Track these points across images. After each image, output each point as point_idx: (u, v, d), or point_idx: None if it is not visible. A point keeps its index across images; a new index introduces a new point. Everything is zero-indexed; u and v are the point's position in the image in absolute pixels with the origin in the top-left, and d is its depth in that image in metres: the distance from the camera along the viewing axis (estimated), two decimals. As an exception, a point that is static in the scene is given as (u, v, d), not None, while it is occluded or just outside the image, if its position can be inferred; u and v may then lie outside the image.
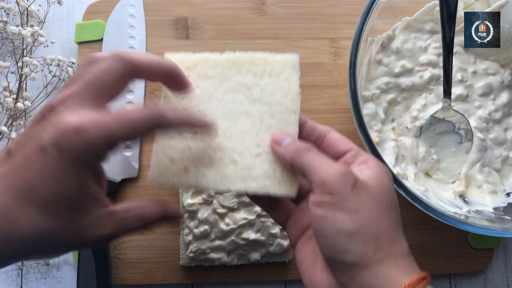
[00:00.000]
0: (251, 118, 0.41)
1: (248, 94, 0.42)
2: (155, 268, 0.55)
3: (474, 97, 0.54)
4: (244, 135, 0.41)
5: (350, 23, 0.58)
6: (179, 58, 0.42)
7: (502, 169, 0.55)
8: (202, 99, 0.41)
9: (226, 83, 0.42)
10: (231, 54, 0.42)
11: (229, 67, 0.42)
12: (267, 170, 0.40)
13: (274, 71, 0.42)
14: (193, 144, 0.40)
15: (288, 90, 0.42)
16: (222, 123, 0.41)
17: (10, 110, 0.56)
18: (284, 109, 0.41)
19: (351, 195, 0.33)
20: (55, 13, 0.60)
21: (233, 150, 0.40)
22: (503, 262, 0.58)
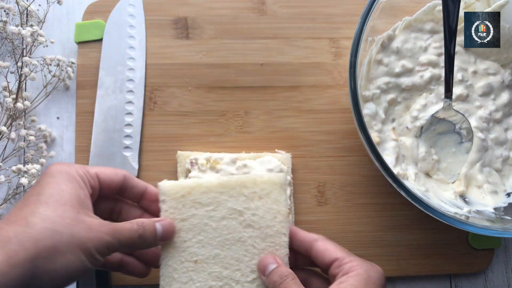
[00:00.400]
0: (244, 245, 0.45)
1: (240, 220, 0.45)
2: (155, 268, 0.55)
3: (475, 97, 0.54)
4: (239, 262, 0.45)
5: (350, 23, 0.58)
6: (172, 186, 0.45)
7: (503, 169, 0.54)
8: (199, 229, 0.45)
9: (219, 210, 0.45)
10: (223, 178, 0.46)
11: (221, 192, 0.45)
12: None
13: (263, 192, 0.46)
14: (195, 276, 0.45)
15: (277, 212, 0.46)
16: (219, 252, 0.45)
17: (10, 110, 0.56)
18: (275, 231, 0.45)
19: None
20: (55, 13, 0.60)
21: (230, 278, 0.45)
22: (504, 262, 0.58)
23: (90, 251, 0.38)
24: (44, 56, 0.57)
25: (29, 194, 0.39)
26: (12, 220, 0.37)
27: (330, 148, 0.57)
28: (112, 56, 0.57)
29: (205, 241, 0.45)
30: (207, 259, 0.45)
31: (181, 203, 0.45)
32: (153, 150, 0.56)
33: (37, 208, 0.37)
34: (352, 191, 0.56)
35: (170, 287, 0.45)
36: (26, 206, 0.38)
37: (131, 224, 0.42)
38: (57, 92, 0.59)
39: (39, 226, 0.36)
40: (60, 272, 0.36)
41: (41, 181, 0.40)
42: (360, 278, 0.40)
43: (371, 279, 0.40)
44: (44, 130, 0.57)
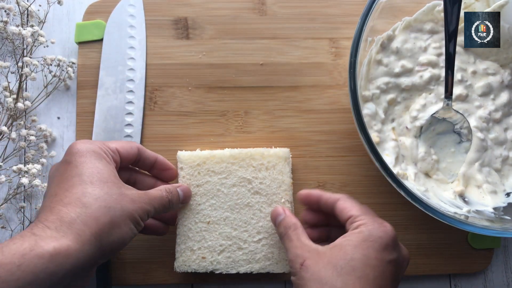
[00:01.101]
0: (252, 209, 0.52)
1: (249, 187, 0.52)
2: (155, 268, 0.55)
3: (474, 97, 0.54)
4: (247, 224, 0.52)
5: (350, 23, 0.58)
6: (189, 156, 0.52)
7: (502, 169, 0.54)
8: (212, 194, 0.52)
9: (230, 178, 0.52)
10: (234, 150, 0.52)
11: (233, 162, 0.52)
12: (266, 253, 0.51)
13: (270, 164, 0.52)
14: (208, 235, 0.51)
15: (282, 182, 0.52)
16: (229, 214, 0.52)
17: (10, 110, 0.56)
18: (279, 199, 0.52)
19: (299, 274, 0.42)
20: (55, 13, 0.60)
21: (239, 238, 0.51)
22: (503, 262, 0.58)
23: (137, 219, 0.43)
24: (44, 56, 0.57)
25: (69, 175, 0.42)
26: (66, 202, 0.40)
27: (330, 148, 0.57)
28: (112, 56, 0.57)
29: (217, 205, 0.52)
30: (219, 220, 0.52)
31: (196, 170, 0.52)
32: (153, 150, 0.56)
33: (86, 189, 0.41)
34: (352, 191, 0.56)
35: (185, 245, 0.52)
36: (73, 187, 0.41)
37: (161, 192, 0.47)
38: (58, 92, 0.59)
39: (94, 205, 0.41)
40: (117, 242, 0.41)
41: (73, 161, 0.43)
42: (360, 236, 0.42)
43: (370, 237, 0.42)
44: (45, 130, 0.57)
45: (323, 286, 0.40)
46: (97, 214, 0.40)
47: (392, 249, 0.42)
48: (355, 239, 0.42)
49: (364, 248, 0.41)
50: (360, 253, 0.41)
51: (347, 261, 0.40)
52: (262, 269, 0.51)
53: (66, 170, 0.43)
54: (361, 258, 0.41)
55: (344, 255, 0.41)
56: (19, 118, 0.57)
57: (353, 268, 0.40)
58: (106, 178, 0.43)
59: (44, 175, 0.57)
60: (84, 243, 0.39)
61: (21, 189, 0.56)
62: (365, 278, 0.40)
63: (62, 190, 0.42)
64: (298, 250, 0.44)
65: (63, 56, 0.58)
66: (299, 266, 0.42)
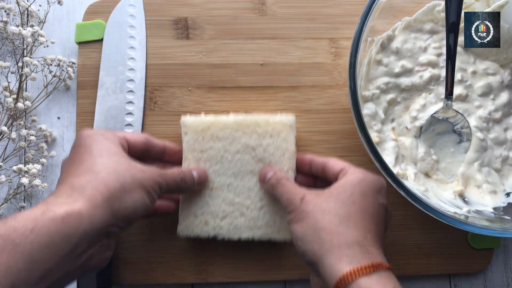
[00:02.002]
0: (256, 176, 0.51)
1: (253, 154, 0.51)
2: (155, 268, 0.55)
3: (474, 97, 0.55)
4: (250, 191, 0.52)
5: (350, 23, 0.58)
6: (194, 121, 0.52)
7: (502, 169, 0.55)
8: (216, 160, 0.52)
9: (234, 145, 0.51)
10: (239, 117, 0.51)
11: (237, 129, 0.51)
12: (268, 221, 0.51)
13: (274, 131, 0.51)
14: (211, 201, 0.52)
15: (285, 150, 0.51)
16: (233, 181, 0.52)
17: (11, 110, 0.56)
18: (282, 167, 0.51)
19: (300, 208, 0.43)
20: (55, 13, 0.60)
21: (242, 205, 0.51)
22: (503, 262, 0.58)
23: (148, 189, 0.43)
24: (44, 56, 0.57)
25: (78, 153, 0.43)
26: (76, 173, 0.41)
27: (330, 148, 0.57)
28: (112, 56, 0.57)
29: (220, 171, 0.52)
30: (222, 187, 0.52)
31: (201, 136, 0.52)
32: (153, 150, 0.56)
33: (95, 160, 0.42)
34: (352, 191, 0.56)
35: (188, 210, 0.52)
36: (83, 161, 0.42)
37: (173, 170, 0.48)
38: (58, 92, 0.59)
39: (104, 172, 0.41)
40: (130, 208, 0.41)
41: (82, 143, 0.44)
42: (356, 177, 0.44)
43: (366, 179, 0.44)
44: (45, 130, 0.57)
45: (326, 215, 0.41)
46: (107, 179, 0.41)
47: (384, 195, 0.44)
48: (352, 179, 0.44)
49: (362, 186, 0.43)
50: (359, 190, 0.43)
51: (347, 196, 0.42)
52: (264, 236, 0.51)
53: (76, 151, 0.44)
54: (360, 194, 0.43)
55: (344, 191, 0.43)
56: (19, 118, 0.57)
57: (354, 201, 0.42)
58: (115, 152, 0.44)
59: (44, 175, 0.57)
60: (96, 207, 0.39)
61: (21, 189, 0.56)
62: (365, 211, 0.42)
63: (73, 166, 0.42)
64: (296, 189, 0.45)
65: (63, 56, 0.58)
66: (299, 201, 0.44)
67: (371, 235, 0.41)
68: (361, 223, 0.41)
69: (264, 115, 0.52)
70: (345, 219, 0.41)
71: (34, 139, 0.56)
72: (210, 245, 0.55)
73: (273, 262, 0.55)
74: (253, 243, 0.52)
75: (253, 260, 0.55)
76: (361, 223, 0.41)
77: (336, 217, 0.41)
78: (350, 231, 0.40)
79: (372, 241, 0.41)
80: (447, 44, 0.50)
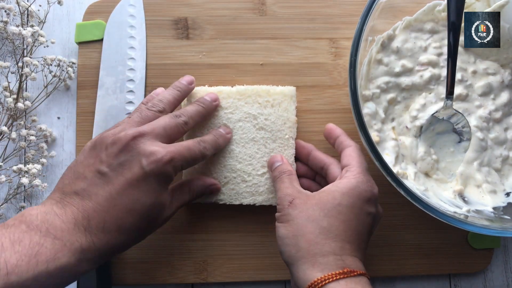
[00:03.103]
0: (257, 144, 0.53)
1: (254, 123, 0.53)
2: (155, 268, 0.55)
3: (474, 97, 0.55)
4: (252, 158, 0.53)
5: (350, 23, 0.58)
6: (198, 91, 0.53)
7: (502, 169, 0.55)
8: (218, 127, 0.53)
9: (236, 113, 0.53)
10: (241, 87, 0.53)
11: (239, 98, 0.53)
12: (269, 187, 0.53)
13: (275, 101, 0.53)
14: (213, 167, 0.53)
15: (286, 119, 0.53)
16: (234, 148, 0.53)
17: (11, 110, 0.56)
18: (284, 135, 0.53)
19: (286, 210, 0.45)
20: (55, 13, 0.60)
21: (243, 171, 0.53)
22: (503, 262, 0.58)
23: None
24: (44, 56, 0.57)
25: (122, 187, 0.43)
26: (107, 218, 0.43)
27: (330, 148, 0.57)
28: (112, 56, 0.57)
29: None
30: (224, 153, 0.53)
31: None
32: (153, 150, 0.56)
33: (127, 218, 0.43)
34: (352, 191, 0.56)
35: (191, 176, 0.53)
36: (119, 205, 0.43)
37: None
38: (58, 92, 0.59)
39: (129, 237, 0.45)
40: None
41: (135, 176, 0.44)
42: (348, 185, 0.45)
43: (357, 188, 0.45)
44: (45, 130, 0.57)
45: (309, 223, 0.43)
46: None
47: (373, 204, 0.46)
48: (344, 187, 0.45)
49: (351, 196, 0.44)
50: (347, 201, 0.44)
51: (334, 205, 0.44)
52: (265, 201, 0.53)
53: (137, 186, 0.43)
54: (347, 205, 0.44)
55: (333, 199, 0.44)
56: (19, 118, 0.57)
57: (339, 212, 0.44)
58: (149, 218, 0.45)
59: (44, 175, 0.57)
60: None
61: (21, 189, 0.56)
62: (349, 223, 0.43)
63: (108, 196, 0.42)
64: (289, 190, 0.47)
65: (63, 56, 0.58)
66: (287, 204, 0.46)
67: (350, 246, 0.43)
68: (342, 235, 0.43)
69: (265, 86, 0.54)
70: (326, 230, 0.43)
71: (34, 139, 0.56)
72: (210, 244, 0.55)
73: (273, 262, 0.55)
74: (253, 241, 0.52)
75: (253, 260, 0.55)
76: (342, 235, 0.43)
77: (318, 227, 0.43)
78: (328, 243, 0.42)
79: (350, 251, 0.43)
80: (448, 43, 0.50)
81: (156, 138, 0.45)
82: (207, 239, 0.56)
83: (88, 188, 0.43)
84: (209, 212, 0.56)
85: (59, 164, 0.58)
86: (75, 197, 0.42)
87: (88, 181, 0.43)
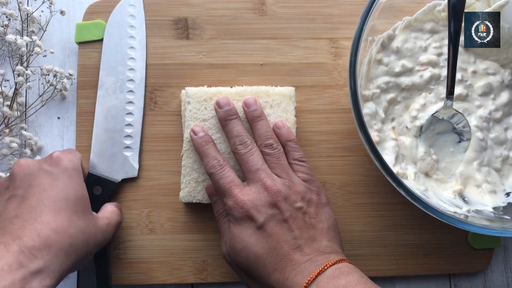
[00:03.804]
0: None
1: None
2: (155, 268, 0.55)
3: (474, 97, 0.55)
4: None
5: (350, 23, 0.58)
6: (197, 91, 0.53)
7: (502, 169, 0.55)
8: (217, 128, 0.52)
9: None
10: (240, 88, 0.53)
11: (238, 99, 0.52)
12: None
13: (275, 102, 0.53)
14: None
15: (286, 119, 0.53)
16: None
17: (4, 116, 0.55)
18: None
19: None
20: (56, 13, 0.60)
21: (242, 171, 0.50)
22: (503, 262, 0.58)
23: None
24: (41, 66, 0.56)
25: (55, 195, 0.44)
26: (53, 226, 0.43)
27: (330, 148, 0.57)
28: (112, 56, 0.57)
29: (222, 139, 0.53)
30: (223, 154, 0.52)
31: (203, 105, 0.53)
32: (153, 150, 0.56)
33: (72, 219, 0.44)
34: (352, 191, 0.56)
35: (190, 176, 0.53)
36: (60, 211, 0.44)
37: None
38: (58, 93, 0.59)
39: (79, 239, 0.44)
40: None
41: (60, 178, 0.45)
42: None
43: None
44: (30, 139, 0.56)
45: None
46: (78, 247, 0.43)
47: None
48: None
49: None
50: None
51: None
52: None
53: (52, 186, 0.44)
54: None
55: None
56: (12, 125, 0.56)
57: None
58: (87, 205, 0.46)
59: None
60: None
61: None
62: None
63: (49, 211, 0.43)
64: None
65: (63, 55, 0.58)
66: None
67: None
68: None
69: (264, 86, 0.54)
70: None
71: (16, 146, 0.55)
72: (210, 245, 0.55)
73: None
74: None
75: (253, 260, 0.55)
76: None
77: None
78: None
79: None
80: (449, 43, 0.50)
81: None
82: (207, 239, 0.56)
83: (8, 216, 0.42)
84: (209, 212, 0.56)
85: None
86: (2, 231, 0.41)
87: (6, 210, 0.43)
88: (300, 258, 0.43)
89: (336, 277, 0.40)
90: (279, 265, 0.43)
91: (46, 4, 0.58)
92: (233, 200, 0.46)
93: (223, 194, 0.48)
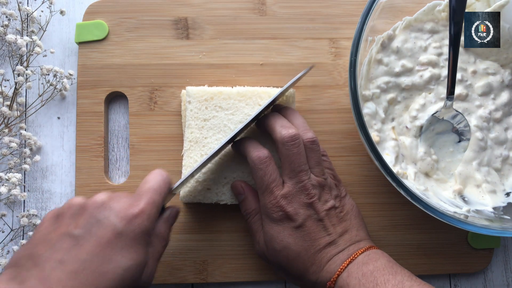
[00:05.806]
0: None
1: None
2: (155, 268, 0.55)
3: (474, 97, 0.55)
4: None
5: (350, 23, 0.58)
6: (198, 91, 0.53)
7: (502, 169, 0.55)
8: (218, 128, 0.52)
9: (237, 115, 0.52)
10: (241, 88, 0.53)
11: (239, 100, 0.53)
12: None
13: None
14: (213, 167, 0.52)
15: None
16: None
17: (4, 116, 0.55)
18: None
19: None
20: (56, 13, 0.60)
21: (243, 172, 0.52)
22: (503, 262, 0.58)
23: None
24: (41, 66, 0.56)
25: (101, 262, 0.39)
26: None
27: (330, 148, 0.57)
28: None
29: (223, 139, 0.52)
30: (224, 154, 0.52)
31: (204, 105, 0.53)
32: (153, 150, 0.56)
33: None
34: (352, 191, 0.56)
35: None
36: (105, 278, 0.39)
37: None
38: (58, 93, 0.59)
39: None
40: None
41: (111, 242, 0.39)
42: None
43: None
44: (30, 139, 0.56)
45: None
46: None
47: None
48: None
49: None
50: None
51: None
52: None
53: (104, 255, 0.39)
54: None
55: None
56: (12, 124, 0.56)
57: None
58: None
59: (24, 184, 0.57)
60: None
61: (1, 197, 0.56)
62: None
63: (76, 260, 0.38)
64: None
65: (63, 55, 0.58)
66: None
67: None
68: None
69: (265, 87, 0.53)
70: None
71: (15, 145, 0.55)
72: (210, 245, 0.55)
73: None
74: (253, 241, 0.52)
75: (253, 260, 0.55)
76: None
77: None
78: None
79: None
80: (449, 43, 0.50)
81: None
82: (207, 239, 0.56)
83: (52, 255, 0.37)
84: (209, 212, 0.56)
85: (58, 164, 0.58)
86: (33, 269, 0.37)
87: (53, 248, 0.38)
88: (334, 250, 0.47)
89: (365, 263, 0.45)
90: (316, 259, 0.46)
91: (46, 4, 0.58)
92: (274, 201, 0.47)
93: (263, 191, 0.48)
